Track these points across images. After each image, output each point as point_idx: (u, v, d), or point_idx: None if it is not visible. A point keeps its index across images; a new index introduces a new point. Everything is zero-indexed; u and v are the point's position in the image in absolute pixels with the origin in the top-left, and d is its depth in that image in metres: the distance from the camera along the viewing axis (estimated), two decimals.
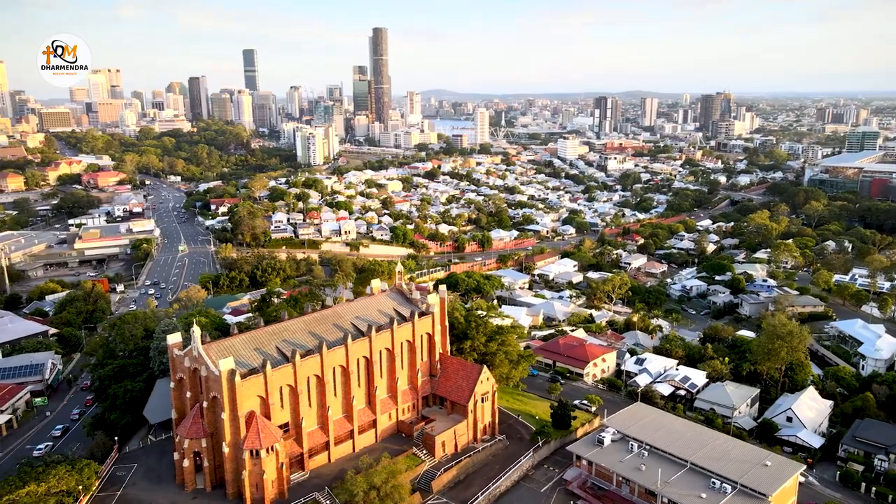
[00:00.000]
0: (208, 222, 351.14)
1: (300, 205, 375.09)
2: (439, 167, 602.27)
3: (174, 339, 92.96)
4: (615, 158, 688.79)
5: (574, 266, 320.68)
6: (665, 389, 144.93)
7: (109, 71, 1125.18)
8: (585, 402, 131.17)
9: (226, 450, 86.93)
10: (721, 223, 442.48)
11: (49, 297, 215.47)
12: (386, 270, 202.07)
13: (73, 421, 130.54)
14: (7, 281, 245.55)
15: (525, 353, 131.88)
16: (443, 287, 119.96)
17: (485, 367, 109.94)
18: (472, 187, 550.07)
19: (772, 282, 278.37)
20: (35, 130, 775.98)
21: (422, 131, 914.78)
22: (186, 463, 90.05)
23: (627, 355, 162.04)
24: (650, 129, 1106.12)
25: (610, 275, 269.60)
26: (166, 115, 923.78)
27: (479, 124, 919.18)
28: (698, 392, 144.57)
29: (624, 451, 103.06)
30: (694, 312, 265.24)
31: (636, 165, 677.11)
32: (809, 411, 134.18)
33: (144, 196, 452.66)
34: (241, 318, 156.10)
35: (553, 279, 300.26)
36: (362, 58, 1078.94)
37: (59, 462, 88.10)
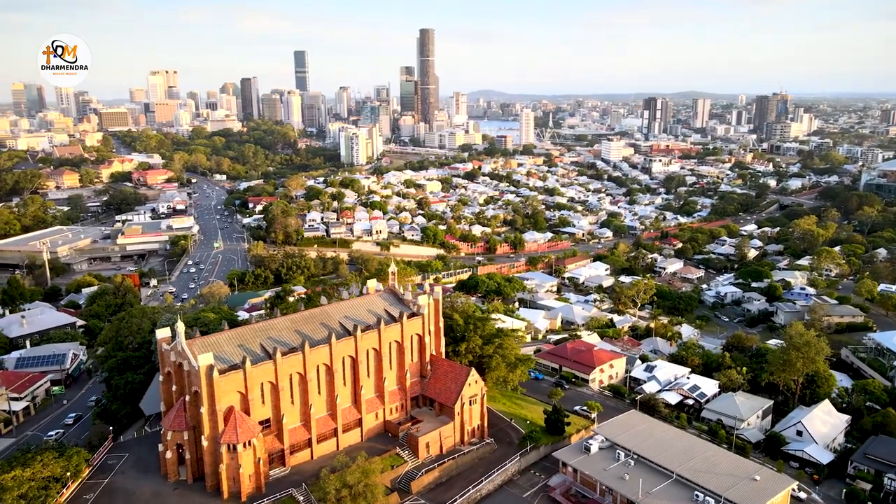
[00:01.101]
0: (245, 220, 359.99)
1: (334, 204, 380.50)
2: (479, 168, 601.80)
3: (162, 333, 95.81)
4: (660, 161, 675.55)
5: (606, 270, 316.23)
6: (672, 398, 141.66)
7: (167, 72, 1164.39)
8: (585, 408, 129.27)
9: (205, 443, 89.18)
10: (766, 228, 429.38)
11: (85, 291, 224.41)
12: (402, 270, 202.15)
13: (89, 409, 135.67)
14: (48, 274, 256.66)
15: (523, 356, 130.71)
16: (438, 289, 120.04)
17: (473, 369, 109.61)
18: (512, 188, 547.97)
19: (810, 290, 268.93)
20: (95, 130, 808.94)
21: (466, 132, 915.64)
22: (169, 454, 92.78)
23: (639, 361, 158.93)
24: (701, 130, 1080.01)
25: (636, 279, 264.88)
26: (218, 115, 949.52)
27: (524, 125, 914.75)
28: (707, 402, 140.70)
29: (610, 460, 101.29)
30: (727, 320, 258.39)
31: (682, 168, 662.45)
32: (822, 426, 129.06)
33: (188, 194, 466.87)
34: (253, 315, 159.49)
35: (583, 283, 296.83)
36: (410, 59, 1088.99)
37: (49, 449, 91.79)
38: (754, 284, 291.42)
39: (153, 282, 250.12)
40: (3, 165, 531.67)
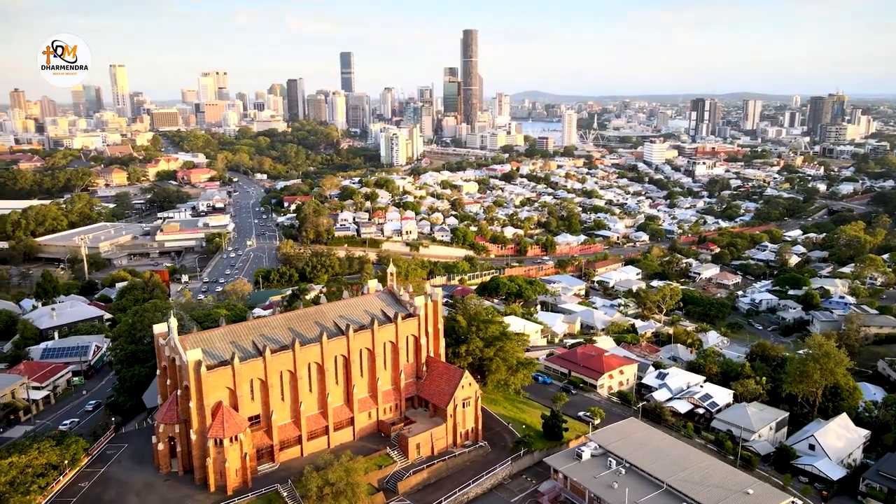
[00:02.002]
0: (279, 219, 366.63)
1: (367, 204, 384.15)
2: (517, 169, 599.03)
3: (160, 328, 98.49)
4: (704, 163, 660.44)
5: (637, 274, 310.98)
6: (682, 407, 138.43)
7: (217, 74, 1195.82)
8: (588, 414, 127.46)
9: (193, 437, 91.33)
10: (812, 234, 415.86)
11: (118, 285, 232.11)
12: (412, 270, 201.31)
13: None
14: (86, 268, 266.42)
15: (525, 360, 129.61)
16: (438, 291, 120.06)
17: (466, 371, 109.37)
18: (549, 190, 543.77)
19: (850, 299, 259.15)
20: (146, 130, 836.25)
21: (508, 133, 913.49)
22: (161, 446, 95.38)
23: (651, 368, 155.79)
24: (751, 132, 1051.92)
25: (665, 283, 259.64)
26: (264, 115, 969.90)
27: (567, 127, 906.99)
28: (718, 412, 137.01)
29: (601, 467, 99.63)
30: (760, 328, 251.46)
31: (727, 171, 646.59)
32: (836, 440, 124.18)
33: (229, 193, 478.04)
34: (268, 312, 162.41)
35: (613, 287, 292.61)
36: (454, 59, 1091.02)
37: (49, 437, 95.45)
38: (791, 292, 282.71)
39: (184, 278, 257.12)
40: (58, 164, 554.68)
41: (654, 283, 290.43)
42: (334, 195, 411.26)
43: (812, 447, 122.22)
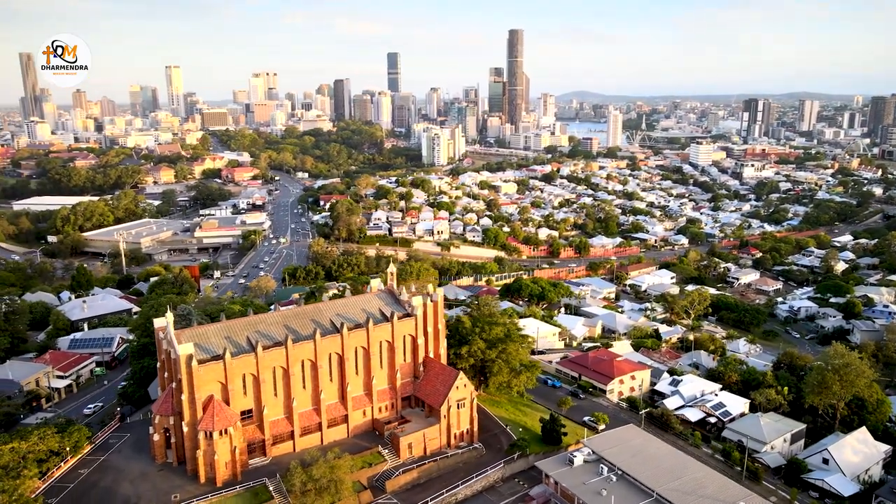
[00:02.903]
0: (315, 217, 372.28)
1: (402, 203, 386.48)
2: (558, 170, 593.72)
3: (160, 322, 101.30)
4: (752, 165, 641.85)
5: (672, 278, 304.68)
6: (693, 415, 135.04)
7: (267, 74, 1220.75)
8: (592, 419, 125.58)
9: (185, 429, 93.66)
10: (863, 240, 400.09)
11: (153, 280, 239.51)
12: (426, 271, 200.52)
13: None
14: (124, 262, 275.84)
15: (529, 362, 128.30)
16: (440, 291, 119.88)
17: (461, 373, 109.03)
18: (589, 192, 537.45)
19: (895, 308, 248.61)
20: (197, 129, 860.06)
21: (552, 133, 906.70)
22: (157, 437, 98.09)
23: (666, 375, 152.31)
24: (807, 134, 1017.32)
25: (697, 288, 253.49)
26: (310, 115, 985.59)
27: (612, 127, 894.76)
28: (731, 421, 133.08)
29: (593, 473, 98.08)
30: (797, 336, 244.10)
31: (777, 174, 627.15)
32: (853, 455, 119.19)
33: (269, 191, 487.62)
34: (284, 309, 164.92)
35: (645, 290, 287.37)
36: (501, 60, 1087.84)
37: (51, 425, 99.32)
38: (833, 300, 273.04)
39: (216, 273, 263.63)
40: (111, 161, 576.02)
41: (690, 287, 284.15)
42: (370, 194, 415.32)
43: (826, 461, 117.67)
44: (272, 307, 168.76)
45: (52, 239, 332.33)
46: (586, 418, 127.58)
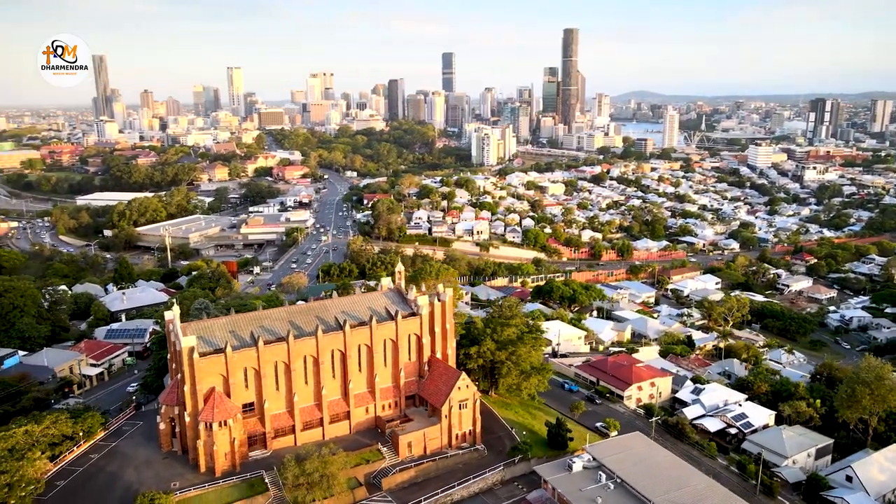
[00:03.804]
0: (357, 215, 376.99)
1: (444, 203, 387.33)
2: (608, 172, 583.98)
3: (169, 315, 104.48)
4: (815, 168, 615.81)
5: (716, 284, 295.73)
6: (713, 425, 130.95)
7: (324, 75, 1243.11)
8: (604, 425, 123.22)
9: (187, 419, 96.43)
10: None
11: (193, 274, 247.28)
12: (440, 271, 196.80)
13: None
14: (169, 257, 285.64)
15: (540, 365, 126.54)
16: (449, 291, 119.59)
17: (463, 373, 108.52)
18: (640, 193, 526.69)
19: None
20: (255, 128, 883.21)
21: (606, 134, 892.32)
22: (163, 426, 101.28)
23: (689, 383, 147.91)
24: (879, 135, 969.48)
25: (737, 293, 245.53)
26: (364, 115, 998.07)
27: (668, 128, 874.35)
28: (753, 432, 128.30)
29: (590, 480, 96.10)
30: (848, 347, 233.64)
31: (841, 177, 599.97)
32: (879, 473, 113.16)
33: (317, 190, 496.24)
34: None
35: (688, 295, 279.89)
36: (556, 59, 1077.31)
37: (67, 410, 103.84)
38: (889, 310, 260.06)
39: (256, 269, 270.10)
40: (170, 159, 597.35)
41: (736, 293, 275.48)
42: (412, 193, 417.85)
43: (849, 479, 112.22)
44: (298, 304, 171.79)
45: (107, 233, 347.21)
46: (598, 424, 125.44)
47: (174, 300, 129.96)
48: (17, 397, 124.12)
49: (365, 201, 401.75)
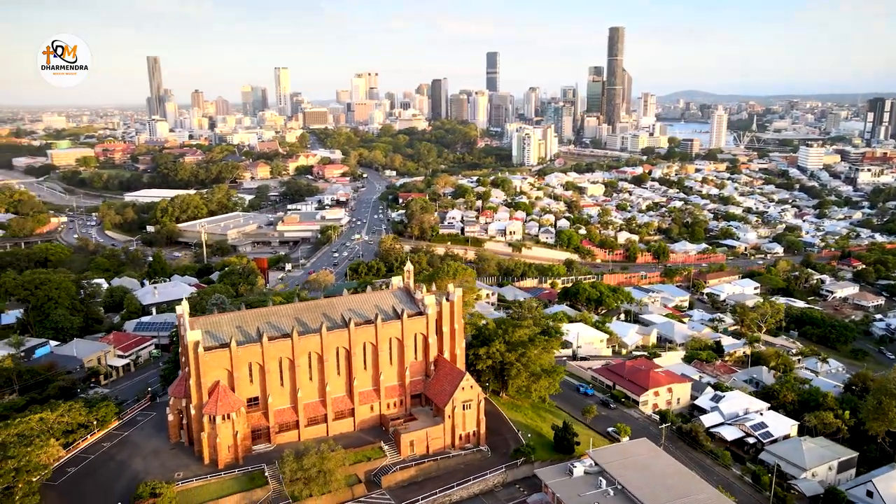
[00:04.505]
0: (392, 214, 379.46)
1: (478, 203, 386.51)
2: (650, 173, 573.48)
3: (180, 309, 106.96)
4: (869, 170, 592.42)
5: (755, 288, 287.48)
6: (730, 433, 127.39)
7: (369, 74, 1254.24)
8: (615, 430, 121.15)
9: (192, 411, 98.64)
10: None
11: (226, 270, 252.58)
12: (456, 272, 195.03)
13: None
14: (204, 253, 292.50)
15: (550, 367, 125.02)
16: (459, 290, 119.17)
17: (467, 373, 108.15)
18: (681, 195, 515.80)
19: None
20: (299, 127, 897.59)
21: (651, 134, 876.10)
22: (171, 417, 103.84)
23: (709, 389, 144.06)
24: None
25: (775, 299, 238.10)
26: (406, 114, 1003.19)
27: (715, 128, 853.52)
28: (772, 443, 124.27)
29: (590, 486, 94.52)
30: (893, 357, 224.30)
31: None
32: None
33: (356, 189, 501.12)
34: None
35: (724, 300, 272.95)
36: (602, 58, 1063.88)
37: (81, 399, 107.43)
38: None
39: (288, 266, 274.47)
40: (215, 158, 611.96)
41: (776, 299, 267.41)
42: (448, 193, 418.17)
43: (870, 494, 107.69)
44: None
45: (150, 229, 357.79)
46: (610, 429, 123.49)
47: (194, 295, 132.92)
48: (44, 385, 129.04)
49: (400, 200, 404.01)
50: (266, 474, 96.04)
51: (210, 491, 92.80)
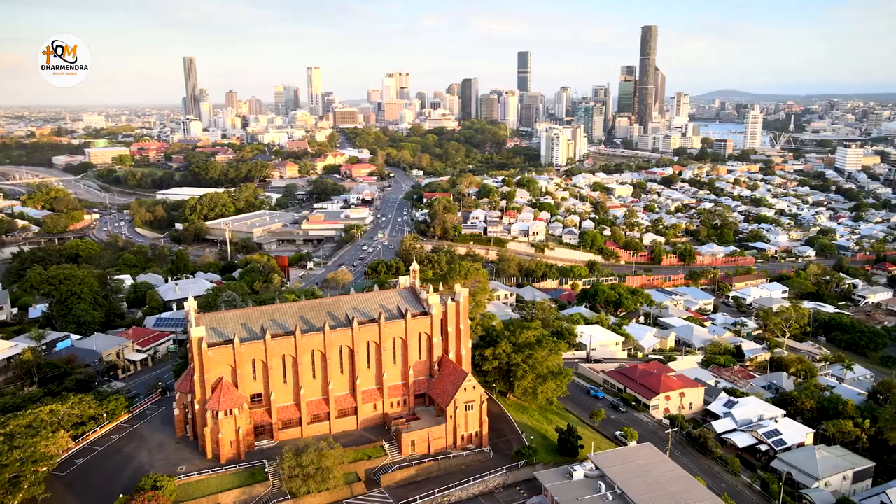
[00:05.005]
0: (416, 213, 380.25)
1: (502, 203, 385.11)
2: (679, 174, 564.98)
3: (188, 306, 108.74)
4: None
5: (783, 292, 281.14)
6: (742, 440, 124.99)
7: (400, 74, 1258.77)
8: (622, 434, 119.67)
9: (196, 406, 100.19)
10: None
11: (248, 267, 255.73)
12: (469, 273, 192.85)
13: None
14: (229, 250, 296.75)
15: (557, 369, 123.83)
16: (465, 291, 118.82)
17: (469, 374, 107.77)
18: (712, 196, 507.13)
19: None
20: (329, 127, 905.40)
21: (683, 135, 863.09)
22: (177, 412, 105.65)
23: (723, 395, 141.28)
24: None
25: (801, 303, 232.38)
26: (436, 114, 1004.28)
27: (750, 128, 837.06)
28: (785, 451, 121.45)
29: (589, 490, 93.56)
30: None
31: None
32: None
33: (382, 188, 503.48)
34: None
35: (750, 304, 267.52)
36: (634, 58, 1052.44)
37: (90, 393, 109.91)
38: None
39: (309, 264, 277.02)
40: (245, 156, 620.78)
41: (805, 303, 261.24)
42: (472, 193, 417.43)
43: None
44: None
45: (178, 226, 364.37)
46: (617, 433, 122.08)
47: (209, 292, 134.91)
48: (63, 378, 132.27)
49: (424, 200, 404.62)
50: (266, 470, 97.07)
51: (210, 485, 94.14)
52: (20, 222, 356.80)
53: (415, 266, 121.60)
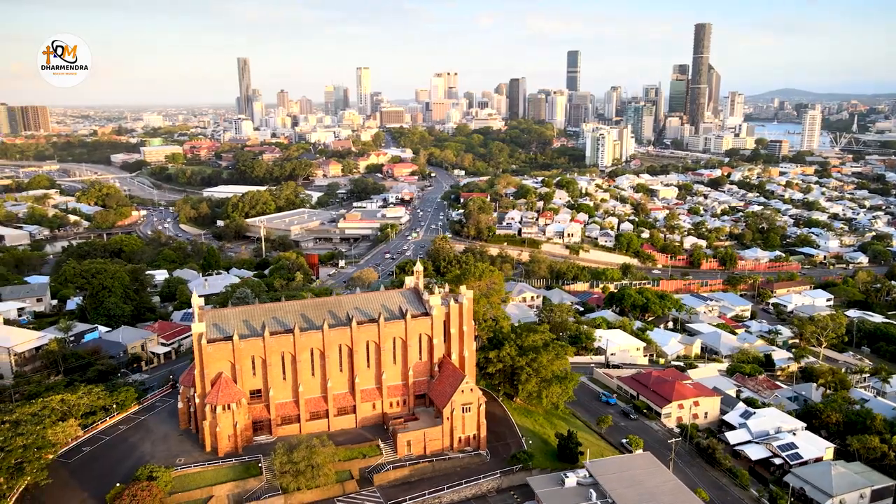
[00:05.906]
0: (452, 213, 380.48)
1: (539, 204, 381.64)
2: (728, 175, 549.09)
3: (195, 301, 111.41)
4: None
5: (828, 300, 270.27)
6: (756, 452, 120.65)
7: (448, 74, 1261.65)
8: (628, 442, 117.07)
9: (197, 400, 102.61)
10: None
11: (279, 264, 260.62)
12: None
13: None
14: (263, 247, 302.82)
15: (563, 374, 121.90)
16: (470, 293, 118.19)
17: (467, 376, 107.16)
18: (762, 199, 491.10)
19: None
20: (376, 126, 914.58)
21: (736, 135, 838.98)
22: (181, 405, 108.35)
23: (740, 405, 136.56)
24: None
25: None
26: (483, 114, 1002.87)
27: (807, 128, 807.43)
28: (800, 465, 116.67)
29: (581, 497, 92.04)
30: None
31: None
32: None
33: (423, 188, 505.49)
34: None
35: (791, 311, 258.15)
36: (687, 56, 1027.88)
37: (99, 384, 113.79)
38: None
39: (341, 262, 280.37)
40: (291, 155, 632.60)
41: (850, 312, 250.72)
42: (509, 193, 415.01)
43: None
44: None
45: (220, 223, 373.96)
46: (623, 440, 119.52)
47: (228, 288, 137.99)
48: (86, 368, 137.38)
49: (461, 200, 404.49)
50: (261, 465, 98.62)
51: (206, 477, 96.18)
52: (72, 217, 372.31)
53: (418, 267, 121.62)
